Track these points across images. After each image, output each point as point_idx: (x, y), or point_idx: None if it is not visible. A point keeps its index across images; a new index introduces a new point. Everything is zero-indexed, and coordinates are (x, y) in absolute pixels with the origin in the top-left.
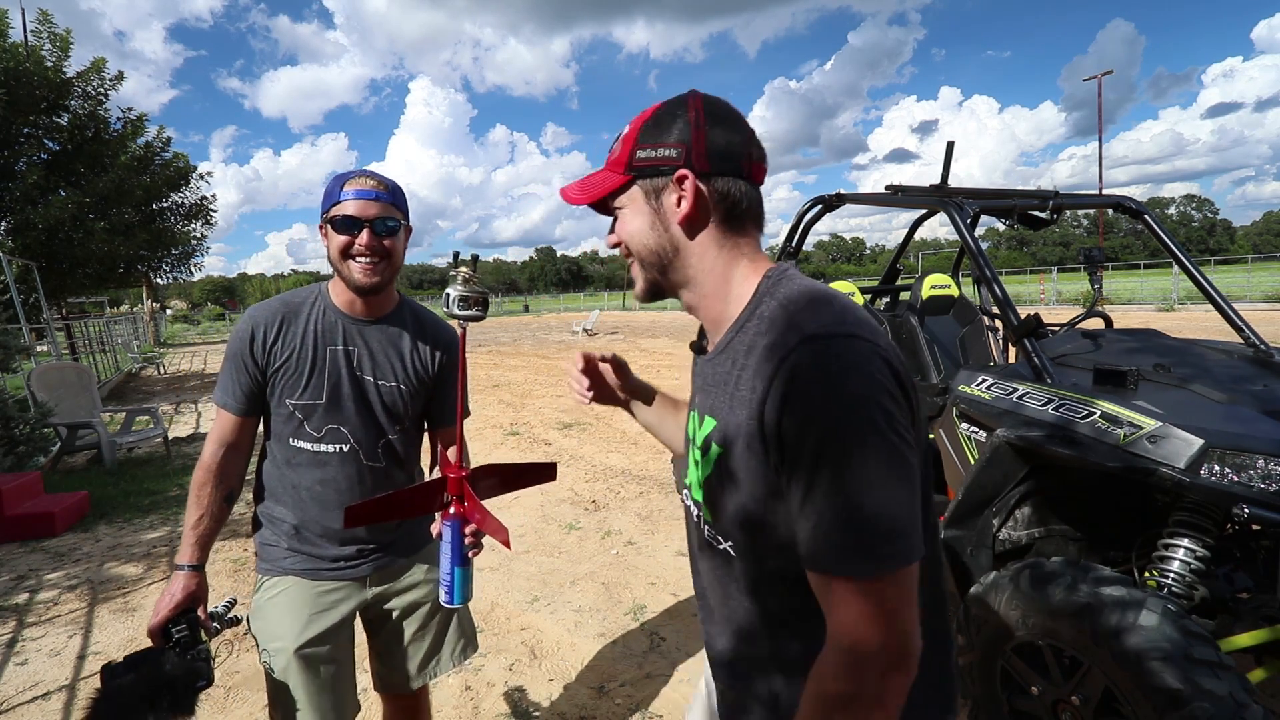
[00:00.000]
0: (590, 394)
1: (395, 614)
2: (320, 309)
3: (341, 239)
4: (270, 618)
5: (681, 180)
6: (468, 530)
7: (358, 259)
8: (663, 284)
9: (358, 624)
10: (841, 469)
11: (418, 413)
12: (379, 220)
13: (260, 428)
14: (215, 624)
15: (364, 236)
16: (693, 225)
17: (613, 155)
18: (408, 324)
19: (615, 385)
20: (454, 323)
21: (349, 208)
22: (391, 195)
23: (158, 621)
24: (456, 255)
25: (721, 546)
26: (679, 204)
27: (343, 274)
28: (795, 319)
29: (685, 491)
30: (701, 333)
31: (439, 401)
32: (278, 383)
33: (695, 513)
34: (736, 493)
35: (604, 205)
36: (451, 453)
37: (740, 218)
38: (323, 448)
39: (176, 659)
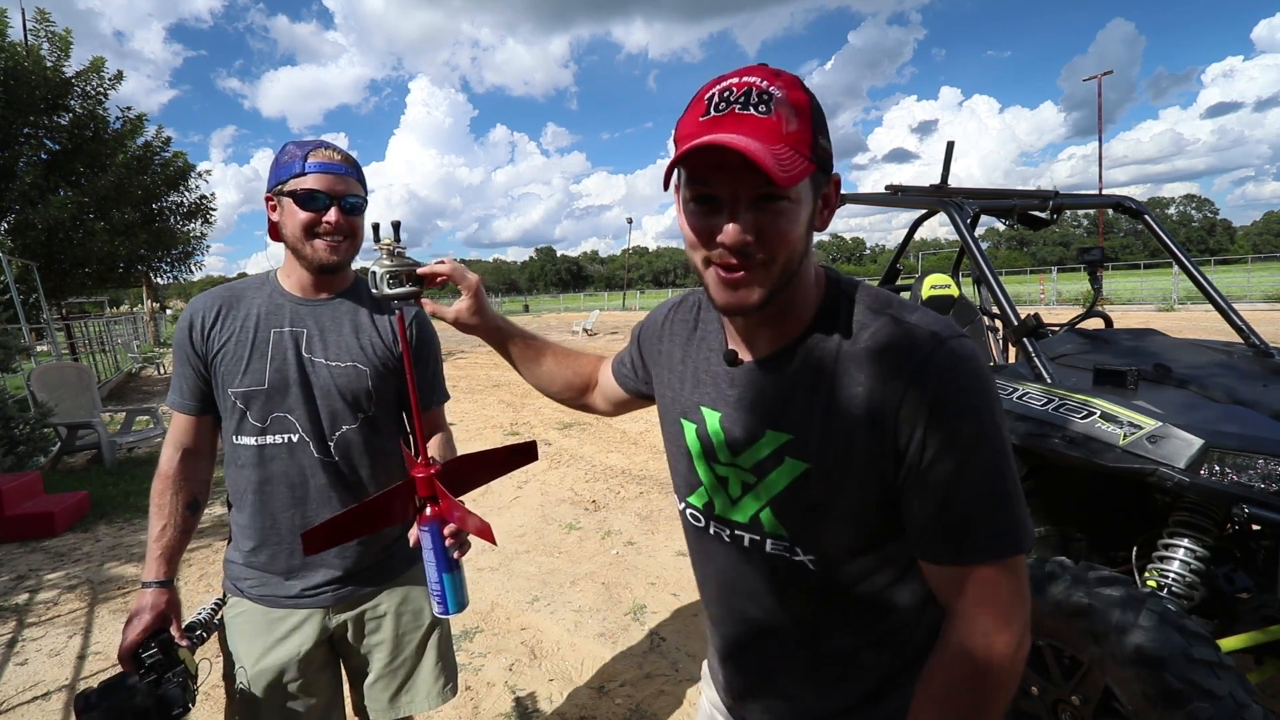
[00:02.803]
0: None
1: (362, 647)
2: (266, 293)
3: (305, 215)
4: (233, 638)
5: (837, 183)
6: (447, 532)
7: (323, 237)
8: (782, 293)
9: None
10: (993, 462)
11: (390, 398)
12: (346, 197)
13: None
14: (200, 632)
15: (333, 215)
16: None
17: (788, 128)
18: (363, 299)
19: (461, 309)
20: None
21: (315, 182)
22: (355, 170)
23: (126, 647)
24: (377, 227)
25: (799, 559)
26: (824, 209)
27: (303, 253)
28: (903, 323)
29: (708, 508)
30: (721, 339)
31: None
32: (218, 371)
33: (759, 537)
34: (834, 504)
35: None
36: (433, 448)
37: None
38: (269, 439)
39: (147, 689)
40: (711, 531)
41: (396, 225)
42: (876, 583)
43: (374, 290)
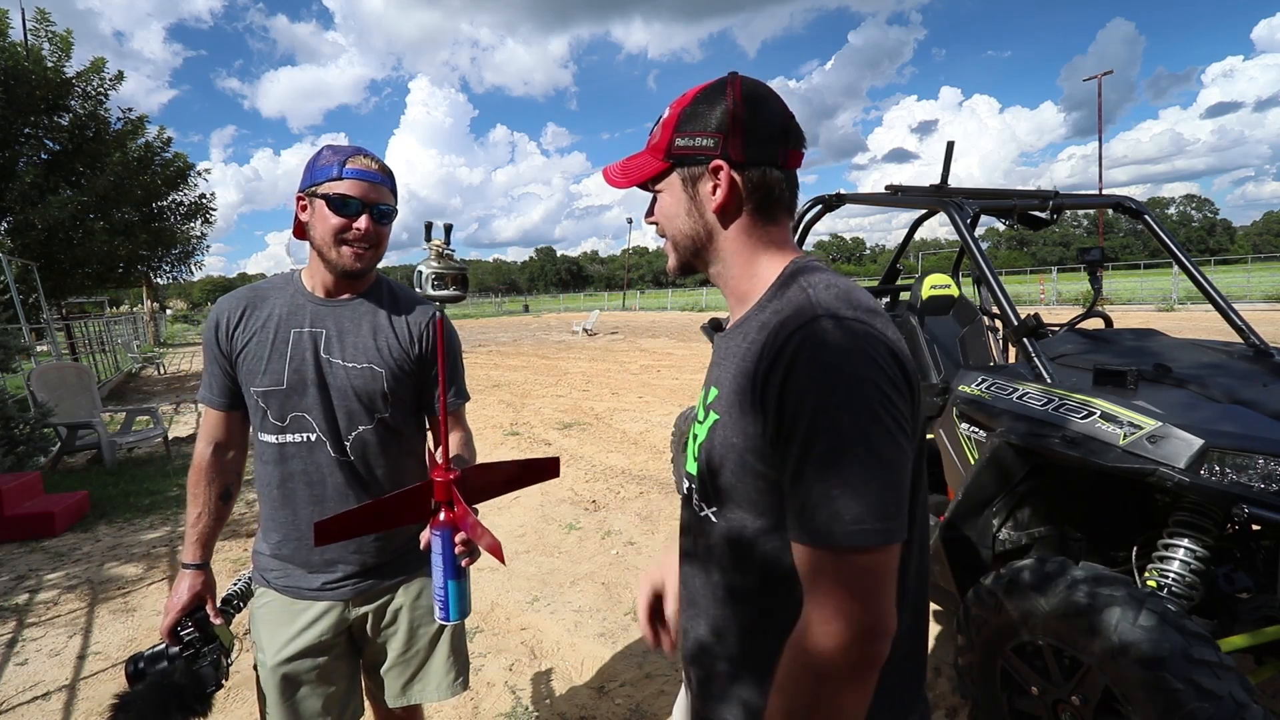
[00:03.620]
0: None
1: (379, 638)
2: (289, 294)
3: (337, 220)
4: (257, 628)
5: (717, 171)
6: (458, 539)
7: (353, 244)
8: (695, 264)
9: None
10: (837, 444)
11: (407, 399)
12: (378, 205)
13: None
14: (238, 602)
15: (364, 222)
16: (726, 214)
17: (653, 139)
18: (383, 300)
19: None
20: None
21: (349, 188)
22: (390, 179)
23: (166, 624)
24: (429, 226)
25: (704, 513)
26: (714, 193)
27: (329, 256)
28: (811, 301)
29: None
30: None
31: (429, 387)
32: (241, 370)
33: (688, 484)
34: (727, 459)
35: (645, 185)
36: (452, 447)
37: (772, 206)
38: (288, 438)
39: (184, 667)
40: (683, 481)
41: (448, 228)
42: (772, 562)
43: (418, 289)
